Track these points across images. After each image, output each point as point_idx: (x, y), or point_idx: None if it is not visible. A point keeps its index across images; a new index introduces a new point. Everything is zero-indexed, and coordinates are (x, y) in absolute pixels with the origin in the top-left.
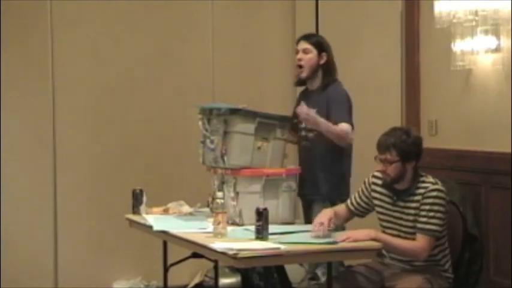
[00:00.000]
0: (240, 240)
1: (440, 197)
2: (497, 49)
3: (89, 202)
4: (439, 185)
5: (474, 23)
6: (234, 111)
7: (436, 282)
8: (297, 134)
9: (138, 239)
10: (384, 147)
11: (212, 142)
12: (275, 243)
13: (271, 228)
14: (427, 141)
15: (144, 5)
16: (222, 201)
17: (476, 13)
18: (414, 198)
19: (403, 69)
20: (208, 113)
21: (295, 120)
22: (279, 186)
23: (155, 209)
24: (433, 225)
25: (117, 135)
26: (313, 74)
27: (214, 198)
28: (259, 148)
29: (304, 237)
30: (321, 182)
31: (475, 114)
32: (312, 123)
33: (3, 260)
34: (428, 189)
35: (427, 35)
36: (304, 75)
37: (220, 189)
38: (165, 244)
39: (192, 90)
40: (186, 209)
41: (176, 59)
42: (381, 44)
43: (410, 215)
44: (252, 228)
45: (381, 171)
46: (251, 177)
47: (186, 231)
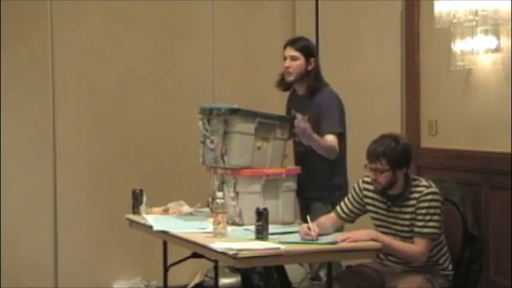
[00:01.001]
0: (240, 240)
1: (436, 199)
2: (497, 49)
3: (89, 202)
4: (433, 188)
5: (474, 23)
6: (234, 111)
7: (436, 282)
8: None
9: (138, 239)
10: (374, 156)
11: (212, 142)
12: (275, 243)
13: (271, 228)
14: (427, 141)
15: (144, 5)
16: (222, 201)
17: (476, 13)
18: (409, 203)
19: (403, 69)
20: (208, 113)
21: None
22: (279, 186)
23: (155, 209)
24: (430, 228)
25: (117, 135)
26: (301, 79)
27: (214, 198)
28: (259, 148)
29: None
30: (321, 184)
31: (475, 114)
32: (306, 138)
33: (3, 260)
34: (423, 193)
35: (427, 35)
36: (291, 78)
37: (220, 189)
38: (165, 244)
39: (192, 90)
40: (186, 209)
41: (176, 59)
42: (381, 44)
43: (406, 219)
44: (252, 228)
45: (372, 180)
46: (251, 177)
47: (186, 231)
